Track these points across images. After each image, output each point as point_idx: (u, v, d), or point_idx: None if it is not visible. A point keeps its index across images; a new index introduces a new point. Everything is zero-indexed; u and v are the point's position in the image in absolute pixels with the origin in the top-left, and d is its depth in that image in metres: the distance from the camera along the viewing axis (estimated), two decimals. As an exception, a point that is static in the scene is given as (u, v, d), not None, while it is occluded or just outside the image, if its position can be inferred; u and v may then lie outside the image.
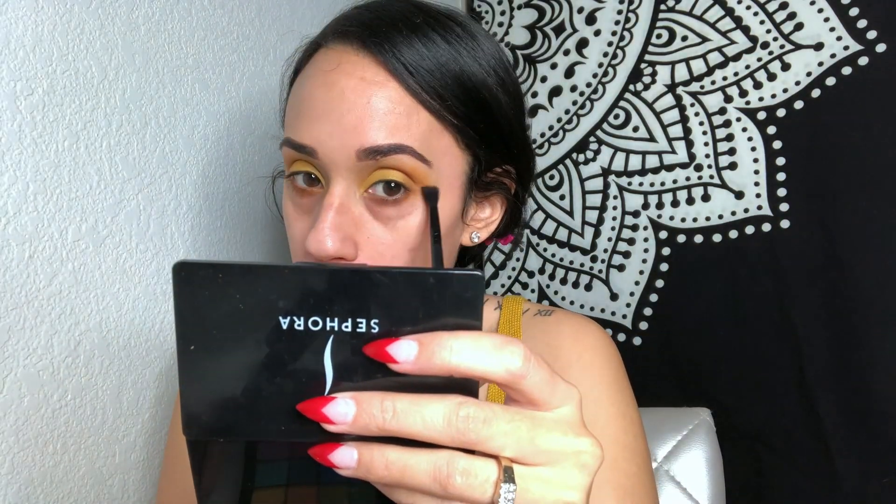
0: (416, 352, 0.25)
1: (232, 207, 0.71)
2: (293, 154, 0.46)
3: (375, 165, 0.44)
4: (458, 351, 0.25)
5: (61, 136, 0.52)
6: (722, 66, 0.86)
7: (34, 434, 0.51)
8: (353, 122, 0.43)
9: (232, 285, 0.25)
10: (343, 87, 0.44)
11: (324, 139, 0.44)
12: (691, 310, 0.89)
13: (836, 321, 0.79)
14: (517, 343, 0.26)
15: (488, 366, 0.25)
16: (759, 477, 0.85)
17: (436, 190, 0.45)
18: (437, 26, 0.47)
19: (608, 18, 0.94)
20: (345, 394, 0.26)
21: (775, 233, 0.83)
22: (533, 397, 0.26)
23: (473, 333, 0.25)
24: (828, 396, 0.80)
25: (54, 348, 0.52)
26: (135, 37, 0.58)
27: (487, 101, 0.48)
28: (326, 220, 0.43)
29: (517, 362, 0.25)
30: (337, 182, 0.45)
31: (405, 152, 0.44)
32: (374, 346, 0.26)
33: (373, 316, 0.25)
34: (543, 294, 1.01)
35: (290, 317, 0.25)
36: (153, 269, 0.61)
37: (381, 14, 0.47)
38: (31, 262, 0.50)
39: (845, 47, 0.78)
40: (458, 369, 0.25)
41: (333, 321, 0.25)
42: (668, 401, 0.77)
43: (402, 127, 0.44)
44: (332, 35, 0.47)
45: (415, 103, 0.45)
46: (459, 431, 0.25)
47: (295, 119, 0.46)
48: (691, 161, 0.89)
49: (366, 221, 0.45)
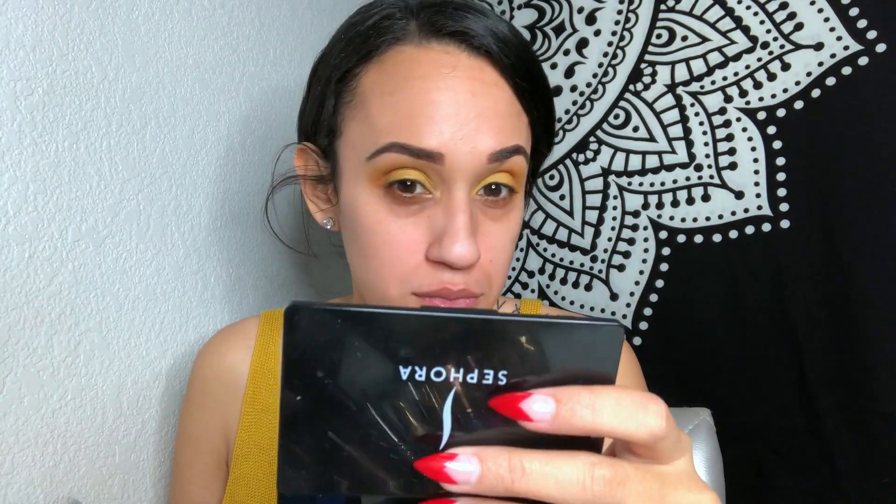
0: (553, 410, 0.23)
1: (232, 207, 0.71)
2: (405, 160, 0.44)
3: (498, 168, 0.45)
4: (600, 410, 0.23)
5: (61, 136, 0.52)
6: (722, 66, 0.86)
7: (34, 434, 0.51)
8: (483, 127, 0.43)
9: (351, 332, 0.23)
10: (470, 90, 0.44)
11: (453, 144, 0.43)
12: (691, 310, 0.89)
13: (836, 321, 0.79)
14: (658, 400, 0.24)
15: (630, 427, 0.24)
16: (759, 477, 0.85)
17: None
18: (504, 21, 0.48)
19: (608, 18, 0.94)
20: (466, 449, 0.24)
21: (775, 233, 0.83)
22: (662, 454, 0.25)
23: (613, 390, 0.24)
24: (828, 396, 0.80)
25: (54, 348, 0.52)
26: (135, 37, 0.58)
27: (549, 96, 0.50)
28: (463, 227, 0.43)
29: (661, 423, 0.24)
30: (461, 187, 0.44)
31: (520, 153, 0.46)
32: (504, 401, 0.24)
33: (502, 367, 0.24)
34: (543, 294, 1.01)
35: (411, 366, 0.23)
36: (153, 269, 0.61)
37: (466, 8, 0.46)
38: (31, 262, 0.50)
39: (845, 47, 0.78)
40: (599, 430, 0.23)
41: (458, 372, 0.23)
42: (668, 401, 0.76)
43: (517, 128, 0.46)
44: (428, 33, 0.46)
45: (519, 104, 0.46)
46: (595, 495, 0.23)
47: (407, 123, 0.43)
48: (691, 161, 0.89)
49: (482, 221, 0.46)
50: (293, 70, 0.80)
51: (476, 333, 0.23)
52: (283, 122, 0.78)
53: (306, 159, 0.53)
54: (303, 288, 0.85)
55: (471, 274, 0.45)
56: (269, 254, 0.77)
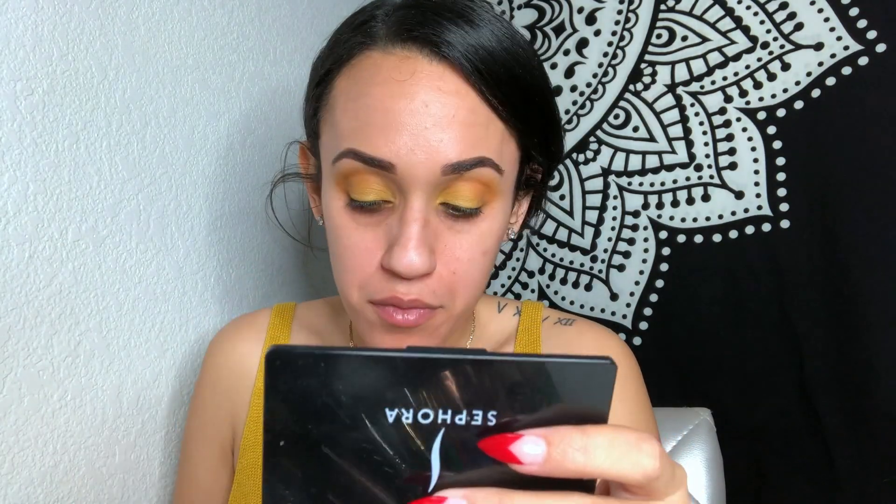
0: (543, 452, 0.22)
1: (232, 207, 0.71)
2: (359, 167, 0.43)
3: (458, 179, 0.43)
4: (593, 453, 0.23)
5: (61, 136, 0.52)
6: (722, 66, 0.86)
7: (34, 434, 0.51)
8: (438, 137, 0.42)
9: (335, 376, 0.22)
10: (424, 98, 0.42)
11: (404, 154, 0.42)
12: (691, 310, 0.89)
13: (836, 321, 0.79)
14: (651, 440, 0.24)
15: (624, 468, 0.23)
16: (759, 477, 0.85)
17: None
18: (493, 23, 0.45)
19: (608, 18, 0.94)
20: (455, 492, 0.23)
21: (775, 233, 0.83)
22: (656, 493, 0.24)
23: (607, 431, 0.23)
24: (828, 396, 0.80)
25: (54, 348, 0.52)
26: (135, 37, 0.58)
27: (540, 102, 0.47)
28: (413, 237, 0.42)
29: (654, 463, 0.23)
30: (417, 196, 0.43)
31: (486, 165, 0.43)
32: (494, 443, 0.23)
33: (490, 407, 0.23)
34: (543, 294, 1.01)
35: (397, 409, 0.23)
36: (153, 269, 0.61)
37: (440, 11, 0.44)
38: (31, 262, 0.50)
39: (845, 47, 0.78)
40: (592, 473, 0.23)
41: (446, 413, 0.23)
42: (668, 401, 0.77)
43: (482, 139, 0.43)
44: (394, 37, 0.44)
45: (489, 112, 0.44)
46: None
47: (364, 130, 0.43)
48: (691, 161, 0.89)
49: (443, 231, 0.45)
50: (293, 70, 0.80)
51: (464, 374, 0.23)
52: (284, 122, 0.78)
53: (306, 157, 0.55)
54: (303, 287, 0.86)
55: (426, 285, 0.44)
56: (269, 254, 0.77)
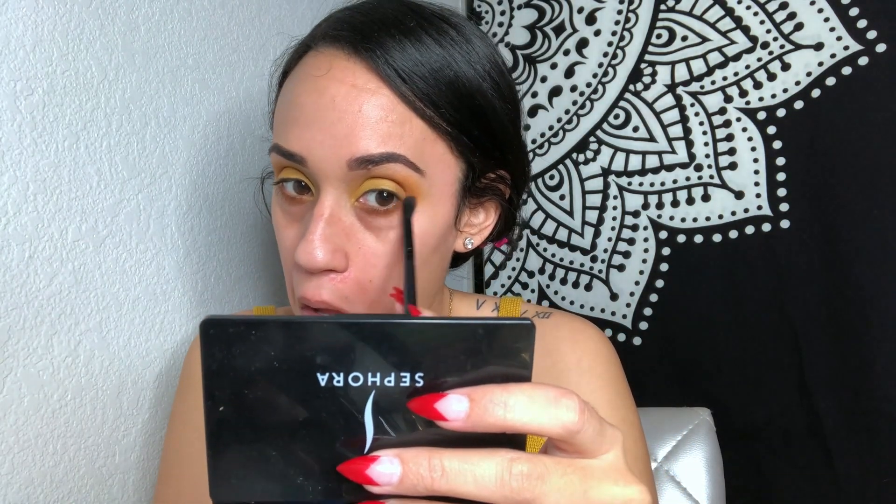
0: (466, 408, 0.24)
1: (232, 207, 0.71)
2: (282, 161, 0.45)
3: (367, 175, 0.43)
4: (513, 407, 0.24)
5: (61, 136, 0.52)
6: (722, 66, 0.86)
7: (34, 434, 0.51)
8: (345, 131, 0.42)
9: (266, 342, 0.24)
10: (334, 93, 0.43)
11: (314, 148, 0.43)
12: (691, 310, 0.89)
13: (836, 321, 0.79)
14: (572, 395, 0.25)
15: (544, 422, 0.24)
16: (759, 477, 0.85)
17: (413, 201, 0.44)
18: (431, 30, 0.46)
19: (608, 18, 0.94)
20: (388, 451, 0.24)
21: (775, 233, 0.83)
22: (583, 448, 0.25)
23: (526, 387, 0.24)
24: (828, 396, 0.80)
25: (54, 348, 0.52)
26: (135, 37, 0.58)
27: (482, 108, 0.47)
28: (316, 232, 0.42)
29: (573, 416, 0.24)
30: (327, 192, 0.43)
31: (398, 161, 0.43)
32: (421, 402, 0.24)
33: (417, 369, 0.24)
34: (543, 294, 1.01)
35: (328, 373, 0.24)
36: (153, 269, 0.61)
37: (372, 17, 0.45)
38: (31, 262, 0.50)
39: (845, 47, 0.78)
40: (512, 426, 0.24)
41: (375, 376, 0.24)
42: (668, 401, 0.77)
43: (394, 135, 0.43)
44: (322, 38, 0.46)
45: (408, 111, 0.43)
46: (514, 490, 0.24)
47: (283, 125, 0.45)
48: (691, 161, 0.89)
49: (357, 231, 0.44)
50: (293, 70, 0.80)
51: (390, 337, 0.24)
52: (283, 122, 0.78)
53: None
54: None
55: (336, 288, 0.44)
56: (269, 254, 0.77)
